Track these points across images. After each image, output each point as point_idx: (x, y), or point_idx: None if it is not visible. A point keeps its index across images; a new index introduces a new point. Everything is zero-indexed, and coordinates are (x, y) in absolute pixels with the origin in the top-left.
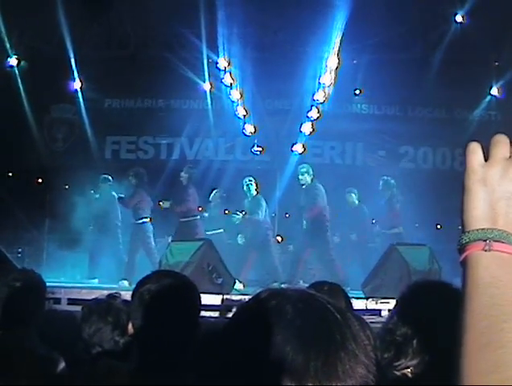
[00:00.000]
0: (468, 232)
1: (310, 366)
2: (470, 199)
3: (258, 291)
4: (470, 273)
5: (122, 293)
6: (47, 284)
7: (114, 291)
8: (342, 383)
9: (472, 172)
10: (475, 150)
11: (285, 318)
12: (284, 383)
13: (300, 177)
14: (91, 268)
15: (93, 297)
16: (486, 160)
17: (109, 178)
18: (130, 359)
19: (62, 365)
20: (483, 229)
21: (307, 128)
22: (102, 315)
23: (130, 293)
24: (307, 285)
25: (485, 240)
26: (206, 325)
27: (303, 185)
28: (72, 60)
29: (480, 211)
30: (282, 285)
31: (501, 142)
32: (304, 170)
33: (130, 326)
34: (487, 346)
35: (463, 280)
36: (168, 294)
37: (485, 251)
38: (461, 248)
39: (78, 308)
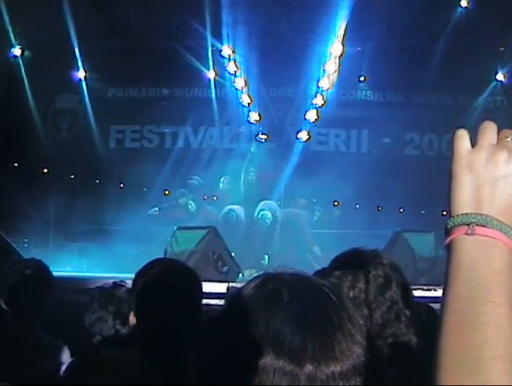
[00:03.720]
0: (453, 217)
1: (308, 347)
2: (456, 185)
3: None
4: (453, 256)
5: (128, 281)
6: (54, 273)
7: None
8: (340, 364)
9: (459, 158)
10: (462, 137)
11: (281, 301)
12: (283, 364)
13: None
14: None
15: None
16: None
17: None
18: (132, 348)
19: (66, 354)
20: (467, 214)
21: (311, 115)
22: (103, 304)
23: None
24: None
25: (469, 225)
26: (211, 313)
27: None
28: (76, 50)
29: (465, 196)
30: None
31: (488, 129)
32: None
33: (131, 316)
34: (464, 327)
35: (447, 263)
36: (169, 283)
37: (468, 235)
38: (447, 233)
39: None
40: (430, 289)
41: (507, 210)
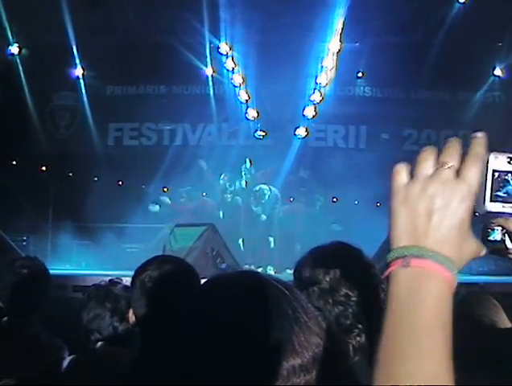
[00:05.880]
0: (392, 250)
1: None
2: (393, 219)
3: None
4: (390, 288)
5: (124, 279)
6: (53, 271)
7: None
8: (300, 356)
9: (396, 193)
10: (399, 172)
11: (237, 302)
12: (246, 362)
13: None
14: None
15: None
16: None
17: None
18: (131, 345)
19: (65, 352)
20: (403, 247)
21: (309, 111)
22: (100, 301)
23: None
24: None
25: (404, 257)
26: None
27: None
28: (74, 47)
29: (402, 229)
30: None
31: (424, 159)
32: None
33: (130, 313)
34: (390, 358)
35: (386, 295)
36: (169, 280)
37: (404, 267)
38: (387, 267)
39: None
40: None
41: (443, 241)
